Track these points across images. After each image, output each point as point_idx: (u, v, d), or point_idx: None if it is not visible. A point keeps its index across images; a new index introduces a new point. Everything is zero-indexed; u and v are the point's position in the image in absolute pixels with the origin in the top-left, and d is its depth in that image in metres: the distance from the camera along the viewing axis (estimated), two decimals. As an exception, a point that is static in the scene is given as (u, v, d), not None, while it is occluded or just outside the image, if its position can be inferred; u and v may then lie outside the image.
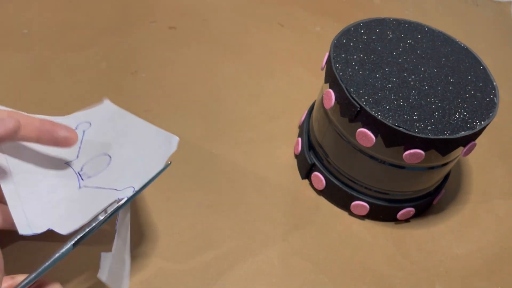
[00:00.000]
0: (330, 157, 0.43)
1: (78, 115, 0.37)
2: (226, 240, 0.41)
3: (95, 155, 0.35)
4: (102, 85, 0.51)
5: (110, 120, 0.37)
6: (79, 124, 0.36)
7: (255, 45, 0.59)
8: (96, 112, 0.37)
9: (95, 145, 0.36)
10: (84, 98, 0.49)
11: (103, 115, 0.37)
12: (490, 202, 0.48)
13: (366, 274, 0.40)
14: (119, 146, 0.35)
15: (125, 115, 0.37)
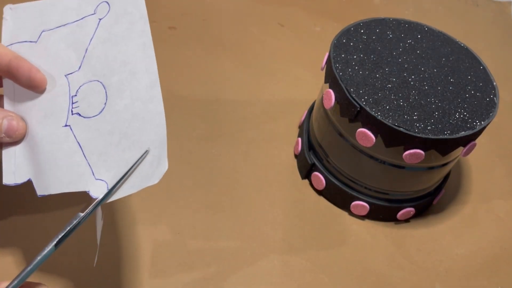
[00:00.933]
0: (330, 157, 0.43)
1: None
2: (226, 240, 0.41)
3: (93, 77, 0.33)
4: (102, 85, 0.50)
5: (127, 19, 0.34)
6: (99, 4, 0.34)
7: (255, 45, 0.59)
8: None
9: (100, 58, 0.33)
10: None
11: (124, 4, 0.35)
12: (490, 202, 0.48)
13: (366, 274, 0.40)
14: (117, 83, 0.32)
15: (144, 31, 0.34)
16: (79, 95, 0.32)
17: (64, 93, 0.32)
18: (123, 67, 0.32)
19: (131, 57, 0.33)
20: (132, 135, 0.31)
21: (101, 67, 0.33)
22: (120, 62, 0.32)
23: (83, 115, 0.32)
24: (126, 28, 0.33)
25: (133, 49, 0.33)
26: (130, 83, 0.32)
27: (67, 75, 0.33)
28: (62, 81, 0.33)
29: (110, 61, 0.33)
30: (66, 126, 0.32)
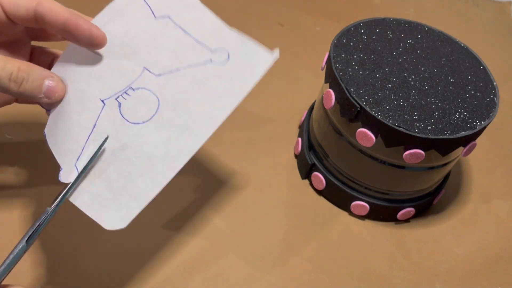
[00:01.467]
0: (330, 157, 0.43)
1: None
2: (226, 240, 0.41)
3: (160, 94, 0.32)
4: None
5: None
6: (220, 47, 0.34)
7: (255, 45, 0.59)
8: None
9: (179, 86, 0.33)
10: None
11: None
12: (490, 202, 0.48)
13: (366, 274, 0.40)
14: (168, 119, 0.32)
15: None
16: (135, 94, 0.32)
17: (128, 78, 0.32)
18: (185, 114, 0.32)
19: (198, 115, 0.32)
20: (130, 166, 0.31)
21: (172, 94, 0.32)
22: (187, 108, 0.32)
23: (122, 112, 0.32)
24: (219, 92, 0.33)
25: (206, 112, 0.32)
26: (176, 131, 0.32)
27: (145, 68, 0.33)
28: (138, 68, 0.33)
29: (182, 98, 0.32)
30: (102, 102, 0.32)
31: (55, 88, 0.30)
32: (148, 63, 0.33)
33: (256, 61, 0.34)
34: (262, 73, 0.34)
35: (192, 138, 0.32)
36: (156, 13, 0.34)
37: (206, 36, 0.34)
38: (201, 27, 0.34)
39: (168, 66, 0.33)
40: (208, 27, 0.34)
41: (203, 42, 0.33)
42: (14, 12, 0.30)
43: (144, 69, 0.33)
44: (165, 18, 0.34)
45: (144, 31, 0.33)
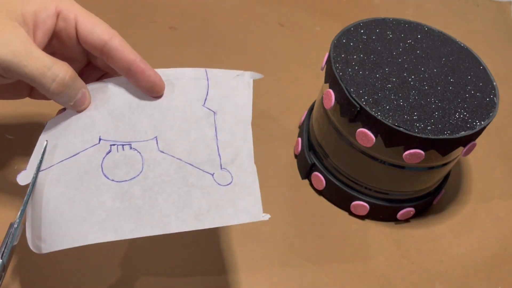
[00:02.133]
0: (330, 157, 0.43)
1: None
2: (226, 240, 0.41)
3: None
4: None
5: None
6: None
7: (255, 45, 0.59)
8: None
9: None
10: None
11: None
12: (490, 202, 0.48)
13: (366, 274, 0.40)
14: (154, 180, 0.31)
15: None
16: (128, 152, 0.31)
17: (136, 135, 0.32)
18: (149, 199, 0.30)
19: (157, 209, 0.30)
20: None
21: (156, 175, 0.31)
22: (156, 193, 0.30)
23: (104, 160, 0.31)
24: (199, 206, 0.31)
25: (170, 212, 0.30)
26: (127, 212, 0.30)
27: (156, 137, 0.32)
28: (150, 133, 0.32)
29: (161, 184, 0.31)
30: (98, 140, 0.31)
31: (84, 100, 0.31)
32: (162, 136, 0.32)
33: (245, 209, 0.31)
34: (238, 223, 0.31)
35: (134, 225, 0.29)
36: (207, 102, 0.33)
37: (229, 153, 0.33)
38: (232, 142, 0.33)
39: (175, 151, 0.32)
40: (237, 146, 0.33)
41: (221, 154, 0.32)
42: (86, 36, 0.30)
43: (155, 138, 0.32)
44: (210, 111, 0.33)
45: (184, 109, 0.33)
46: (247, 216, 0.30)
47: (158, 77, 0.32)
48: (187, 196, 0.31)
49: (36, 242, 0.29)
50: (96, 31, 0.30)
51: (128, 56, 0.31)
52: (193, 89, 0.33)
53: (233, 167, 0.32)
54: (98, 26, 0.30)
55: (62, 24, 0.30)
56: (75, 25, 0.30)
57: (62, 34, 0.31)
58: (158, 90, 0.32)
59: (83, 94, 0.31)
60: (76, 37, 0.31)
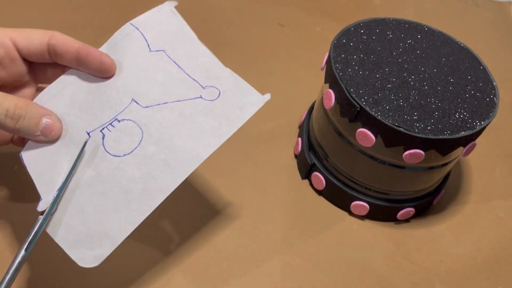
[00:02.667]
0: (330, 157, 0.43)
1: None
2: (226, 240, 0.41)
3: (145, 127, 0.32)
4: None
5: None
6: (211, 86, 0.34)
7: (255, 45, 0.59)
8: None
9: (165, 121, 0.32)
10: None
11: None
12: (490, 202, 0.48)
13: (366, 274, 0.40)
14: (152, 153, 0.31)
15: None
16: (120, 125, 0.32)
17: (115, 109, 0.32)
18: (167, 150, 0.31)
19: (180, 151, 0.31)
20: (106, 200, 0.30)
21: (157, 128, 0.32)
22: (170, 144, 0.31)
23: (105, 144, 0.31)
24: (205, 129, 0.32)
25: (189, 149, 0.31)
26: (155, 167, 0.31)
27: (134, 99, 0.32)
28: (126, 100, 0.32)
29: (166, 133, 0.32)
30: (87, 134, 0.32)
31: (52, 126, 0.31)
32: (137, 95, 0.32)
33: (246, 102, 0.33)
34: (250, 115, 0.33)
35: (171, 176, 0.31)
36: (151, 47, 0.34)
37: (200, 73, 0.33)
38: (196, 63, 0.34)
39: (157, 99, 0.32)
40: (202, 63, 0.34)
41: (195, 78, 0.33)
42: (28, 47, 0.31)
43: (132, 100, 0.32)
44: (160, 52, 0.34)
45: (137, 63, 0.33)
46: (252, 107, 0.33)
47: (105, 55, 0.32)
48: (195, 125, 0.32)
49: (88, 253, 0.29)
50: (35, 38, 0.31)
51: (72, 45, 0.31)
52: (131, 44, 0.34)
53: (213, 80, 0.33)
54: (35, 33, 0.31)
55: (2, 51, 0.30)
56: (14, 46, 0.30)
57: (5, 61, 0.31)
58: (108, 68, 0.32)
59: (47, 122, 0.30)
60: (19, 57, 0.31)
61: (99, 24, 0.58)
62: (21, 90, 0.33)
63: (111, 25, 0.60)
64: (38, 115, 0.30)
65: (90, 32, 0.57)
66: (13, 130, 0.29)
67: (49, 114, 0.31)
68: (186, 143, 0.31)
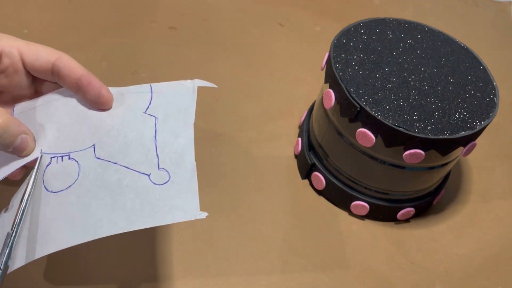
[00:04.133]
0: (330, 157, 0.43)
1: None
2: (226, 240, 0.41)
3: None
4: (102, 85, 0.50)
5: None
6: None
7: (255, 45, 0.59)
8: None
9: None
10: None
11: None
12: (490, 202, 0.48)
13: (366, 274, 0.40)
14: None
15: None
16: (67, 162, 0.31)
17: (75, 145, 0.32)
18: (82, 205, 0.30)
19: (90, 214, 0.30)
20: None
21: (91, 181, 0.31)
22: (89, 199, 0.30)
23: (45, 173, 0.31)
24: (132, 207, 0.30)
25: (102, 216, 0.30)
26: (61, 222, 0.30)
27: (94, 145, 0.32)
28: (89, 142, 0.32)
29: (95, 189, 0.31)
30: (40, 153, 0.31)
31: (25, 145, 0.31)
32: (100, 142, 0.32)
33: (181, 206, 0.30)
34: (171, 222, 0.30)
35: (68, 234, 0.29)
36: (149, 110, 0.34)
37: (167, 152, 0.32)
38: (171, 141, 0.32)
39: (111, 156, 0.32)
40: (177, 144, 0.32)
41: (159, 154, 0.32)
42: (33, 62, 0.31)
43: (93, 146, 0.32)
44: (151, 117, 0.33)
45: (125, 116, 0.33)
46: (182, 214, 0.30)
47: (105, 88, 0.32)
48: (120, 198, 0.30)
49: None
50: (42, 55, 0.31)
51: (76, 71, 0.31)
52: (136, 100, 0.34)
53: (172, 166, 0.32)
54: (43, 51, 0.31)
55: (7, 61, 0.31)
56: (20, 58, 0.31)
57: (9, 70, 0.31)
58: (105, 101, 0.32)
59: (23, 140, 0.30)
60: (23, 69, 0.31)
61: (99, 24, 0.58)
62: (20, 101, 0.33)
63: (111, 25, 0.60)
64: (16, 133, 0.30)
65: (90, 32, 0.57)
66: None
67: (26, 132, 0.31)
68: (100, 211, 0.30)
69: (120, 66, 0.53)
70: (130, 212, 0.30)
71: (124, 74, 0.52)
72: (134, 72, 0.53)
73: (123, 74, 0.52)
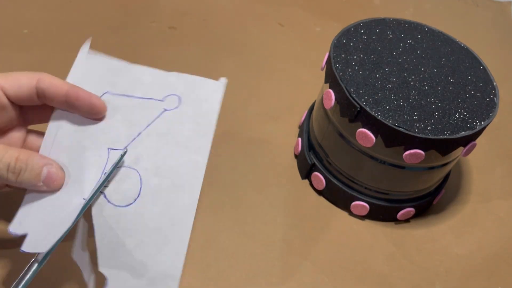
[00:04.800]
0: (330, 157, 0.43)
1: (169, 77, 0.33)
2: (226, 240, 0.41)
3: (135, 165, 0.31)
4: (102, 85, 0.50)
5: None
6: (169, 94, 0.33)
7: (255, 45, 0.59)
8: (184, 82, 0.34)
9: (148, 150, 0.32)
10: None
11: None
12: (490, 202, 0.48)
13: (366, 274, 0.40)
14: (155, 186, 0.31)
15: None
16: (113, 176, 0.31)
17: (99, 166, 0.31)
18: (169, 173, 0.31)
19: (180, 167, 0.31)
20: (146, 248, 0.29)
21: (147, 159, 0.31)
22: (167, 166, 0.31)
23: (110, 200, 0.30)
24: (188, 136, 0.32)
25: (185, 161, 0.31)
26: (168, 193, 0.31)
27: (110, 149, 0.32)
28: (103, 153, 0.31)
29: (158, 159, 0.31)
30: (84, 200, 0.30)
31: (54, 176, 0.30)
32: (110, 143, 0.32)
33: (208, 92, 0.33)
34: (219, 102, 0.32)
35: (186, 193, 0.31)
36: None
37: (150, 90, 0.33)
38: (141, 84, 0.33)
39: (129, 135, 0.32)
40: (147, 80, 0.33)
41: (149, 96, 0.32)
42: (16, 92, 0.30)
43: (109, 150, 0.32)
44: (105, 95, 0.33)
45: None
46: (216, 94, 0.34)
47: (95, 96, 0.31)
48: (178, 137, 0.32)
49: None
50: (23, 83, 0.30)
51: (61, 88, 0.30)
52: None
53: (166, 90, 0.33)
54: (21, 77, 0.30)
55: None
56: (2, 93, 0.30)
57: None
58: (99, 110, 0.32)
59: (49, 172, 0.29)
60: (9, 103, 0.30)
61: (99, 24, 0.58)
62: (10, 133, 0.32)
63: (111, 25, 0.60)
64: (39, 166, 0.29)
65: (90, 32, 0.57)
66: (16, 183, 0.29)
67: (50, 163, 0.30)
68: (180, 157, 0.31)
69: (120, 66, 0.53)
70: (195, 133, 0.32)
71: (124, 74, 0.52)
72: (134, 72, 0.53)
73: (123, 74, 0.52)
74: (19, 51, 0.53)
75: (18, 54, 0.52)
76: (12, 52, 0.52)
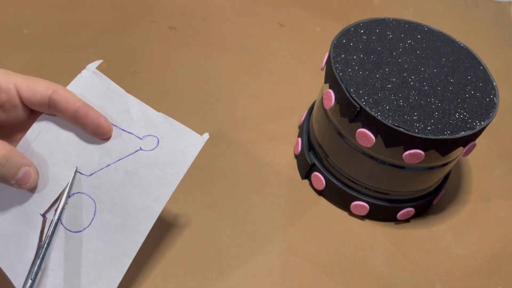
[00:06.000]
0: (330, 157, 0.43)
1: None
2: (226, 240, 0.41)
3: (93, 195, 0.32)
4: (102, 85, 0.50)
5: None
6: (149, 135, 0.33)
7: (255, 45, 0.59)
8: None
9: (111, 183, 0.32)
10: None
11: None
12: (490, 202, 0.48)
13: (366, 274, 0.40)
14: (107, 221, 0.32)
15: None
16: (71, 200, 0.31)
17: (60, 185, 0.31)
18: (122, 212, 0.31)
19: (134, 210, 0.32)
20: (80, 277, 0.31)
21: (107, 192, 0.32)
22: (123, 206, 0.32)
23: (63, 223, 0.31)
24: (152, 182, 0.32)
25: (142, 206, 0.32)
26: (115, 232, 0.31)
27: (77, 171, 0.32)
28: (69, 173, 0.32)
29: (117, 195, 0.32)
30: (42, 217, 0.31)
31: (27, 178, 0.31)
32: (79, 165, 0.32)
33: (187, 145, 0.33)
34: (194, 157, 0.32)
35: (132, 237, 0.31)
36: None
37: (134, 124, 0.33)
38: (128, 116, 0.33)
39: (99, 164, 0.32)
40: (135, 114, 0.33)
41: (131, 131, 0.33)
42: (31, 97, 0.31)
43: (76, 172, 0.32)
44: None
45: (73, 133, 0.33)
46: (194, 148, 0.33)
47: (103, 117, 0.32)
48: (142, 180, 0.32)
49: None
50: (39, 90, 0.31)
51: (73, 103, 0.31)
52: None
53: (149, 129, 0.33)
54: (39, 85, 0.31)
55: (4, 96, 0.30)
56: (17, 93, 0.31)
57: (7, 105, 0.31)
58: (105, 131, 0.32)
59: (25, 173, 0.30)
60: (21, 103, 0.31)
61: (99, 24, 0.58)
62: (19, 133, 0.33)
63: (111, 25, 0.60)
64: (18, 165, 0.30)
65: (90, 32, 0.57)
66: None
67: (29, 165, 0.31)
68: (138, 201, 0.31)
69: (120, 66, 0.53)
70: (159, 181, 0.32)
71: (124, 74, 0.52)
72: (134, 72, 0.53)
73: (123, 74, 0.52)
74: (19, 51, 0.53)
75: (18, 54, 0.52)
76: (12, 52, 0.53)
